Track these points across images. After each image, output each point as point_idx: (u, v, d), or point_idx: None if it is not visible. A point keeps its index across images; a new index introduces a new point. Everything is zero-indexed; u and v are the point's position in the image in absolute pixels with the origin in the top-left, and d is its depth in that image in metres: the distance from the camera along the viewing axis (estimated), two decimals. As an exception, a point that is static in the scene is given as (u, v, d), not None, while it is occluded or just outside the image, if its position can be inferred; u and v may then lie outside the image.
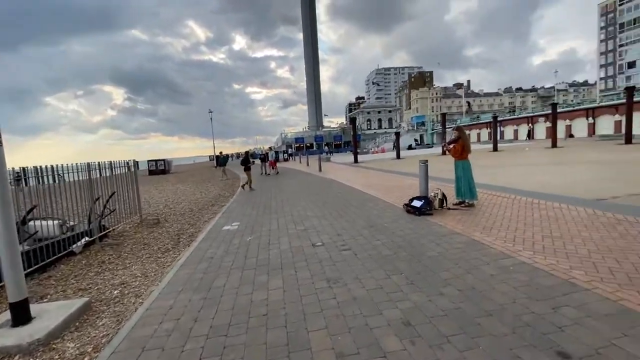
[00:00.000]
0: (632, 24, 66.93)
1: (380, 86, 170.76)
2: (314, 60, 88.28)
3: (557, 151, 20.00)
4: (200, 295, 3.36)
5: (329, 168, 20.47)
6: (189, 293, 3.46)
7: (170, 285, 3.74)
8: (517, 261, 3.47)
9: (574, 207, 5.56)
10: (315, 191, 10.43)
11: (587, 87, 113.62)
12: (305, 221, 6.26)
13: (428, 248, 4.13)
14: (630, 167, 10.28)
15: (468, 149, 6.30)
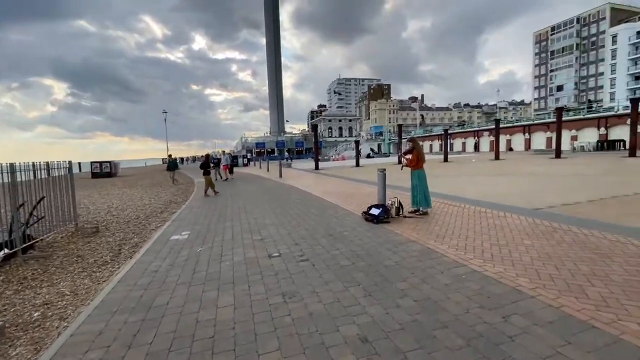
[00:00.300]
0: (561, 52, 76.26)
1: (341, 95, 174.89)
2: (277, 66, 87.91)
3: (499, 163, 21.81)
4: (138, 316, 2.98)
5: (290, 174, 20.24)
6: (124, 314, 3.05)
7: (104, 305, 3.28)
8: (469, 269, 3.57)
9: (517, 215, 5.97)
10: (274, 198, 10.15)
11: (524, 106, 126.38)
12: (263, 230, 5.99)
13: (385, 257, 4.12)
14: (561, 179, 11.46)
15: (422, 159, 6.53)
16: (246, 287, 3.47)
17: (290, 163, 32.86)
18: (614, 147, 30.45)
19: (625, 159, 18.80)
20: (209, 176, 12.08)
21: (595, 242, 4.24)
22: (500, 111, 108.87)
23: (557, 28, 77.65)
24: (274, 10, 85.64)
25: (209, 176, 12.09)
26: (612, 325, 2.36)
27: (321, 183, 13.89)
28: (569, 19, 75.26)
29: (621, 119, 32.39)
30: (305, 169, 25.28)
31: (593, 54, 71.07)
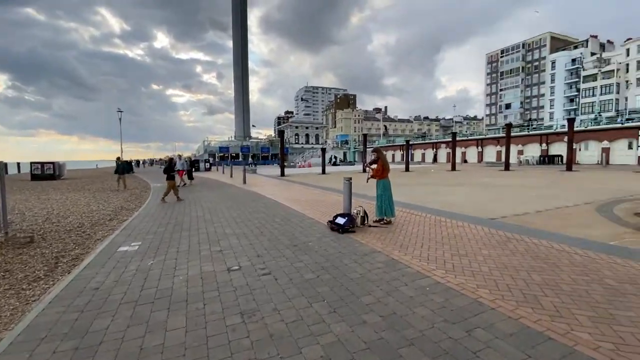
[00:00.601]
0: (509, 74, 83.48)
1: (308, 103, 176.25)
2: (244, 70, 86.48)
3: (456, 173, 23.07)
4: (70, 344, 2.57)
5: (255, 180, 19.74)
6: (54, 341, 2.62)
7: (30, 331, 2.81)
8: (432, 281, 3.59)
9: (474, 225, 6.23)
10: (236, 205, 9.74)
11: (477, 121, 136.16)
12: (222, 240, 5.64)
13: (350, 269, 4.03)
14: (511, 190, 12.31)
15: (387, 169, 6.61)
16: (201, 305, 3.17)
17: (255, 169, 32.15)
18: (554, 162, 33.67)
19: (564, 172, 20.81)
20: (172, 181, 11.36)
21: (545, 252, 4.49)
22: (456, 125, 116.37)
23: (506, 51, 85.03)
24: (242, 14, 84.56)
25: (173, 181, 11.38)
26: (566, 336, 2.44)
27: (287, 190, 13.66)
28: (516, 43, 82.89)
29: (559, 136, 35.98)
30: (270, 175, 24.83)
31: (536, 77, 78.65)
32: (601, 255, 4.32)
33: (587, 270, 3.80)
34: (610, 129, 31.80)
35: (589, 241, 5.00)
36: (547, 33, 77.34)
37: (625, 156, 30.00)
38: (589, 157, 32.90)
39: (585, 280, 3.50)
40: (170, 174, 11.39)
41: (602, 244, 4.88)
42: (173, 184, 11.31)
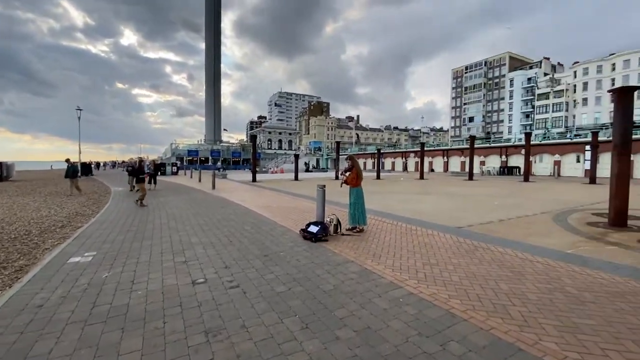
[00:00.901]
0: (472, 89, 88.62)
1: (282, 108, 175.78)
2: (216, 73, 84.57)
3: (424, 182, 23.86)
4: (0, 376, 2.22)
5: (224, 186, 19.12)
6: (-21, 373, 2.25)
7: (-52, 361, 2.40)
8: (405, 292, 3.56)
9: (442, 234, 6.37)
10: (204, 212, 9.31)
11: (442, 133, 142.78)
12: (188, 250, 5.30)
13: (323, 280, 3.91)
14: (476, 199, 12.88)
15: (361, 177, 6.62)
16: (160, 324, 2.90)
17: (225, 174, 31.26)
18: (512, 173, 35.93)
19: (522, 183, 22.21)
20: (143, 184, 10.86)
21: (510, 261, 4.66)
22: (424, 136, 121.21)
23: (469, 68, 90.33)
24: (215, 16, 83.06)
25: (143, 184, 10.89)
26: (535, 347, 2.48)
27: (258, 196, 13.33)
28: (479, 61, 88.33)
29: (517, 149, 38.53)
30: (241, 181, 24.22)
31: (496, 93, 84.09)
32: (560, 263, 4.54)
33: (549, 278, 3.96)
34: (561, 144, 34.59)
35: (548, 249, 5.27)
36: (506, 53, 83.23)
37: (574, 169, 32.71)
38: (543, 169, 35.47)
39: (548, 289, 3.63)
40: (139, 176, 10.89)
41: (560, 252, 5.15)
42: (143, 187, 10.88)
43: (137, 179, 10.89)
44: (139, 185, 10.88)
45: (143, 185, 10.92)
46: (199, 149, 63.14)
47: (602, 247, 5.47)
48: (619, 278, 3.97)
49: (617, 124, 7.04)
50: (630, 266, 4.45)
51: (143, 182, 10.95)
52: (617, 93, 7.02)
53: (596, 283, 3.83)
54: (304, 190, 16.31)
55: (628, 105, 6.91)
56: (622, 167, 6.94)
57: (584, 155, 31.56)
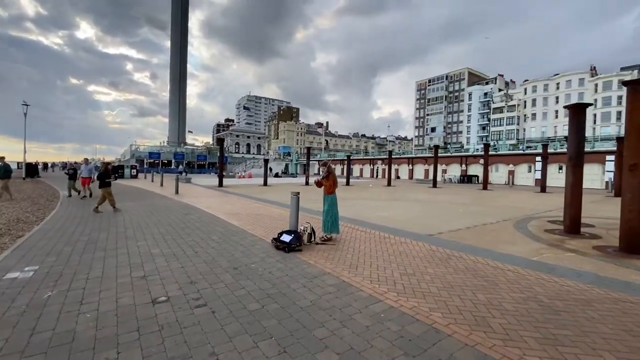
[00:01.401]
0: (435, 101, 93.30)
1: (250, 112, 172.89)
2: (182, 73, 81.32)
3: (392, 189, 24.41)
4: None
5: (189, 190, 18.13)
6: None
7: None
8: (386, 306, 3.41)
9: (416, 242, 6.38)
10: (166, 220, 8.64)
11: (407, 141, 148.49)
12: (148, 263, 4.79)
13: (300, 295, 3.66)
14: (442, 206, 13.31)
15: (336, 184, 6.47)
16: (113, 354, 2.48)
17: (190, 178, 29.81)
18: (472, 181, 38.01)
19: (481, 191, 23.48)
20: (108, 188, 10.19)
21: (483, 269, 4.72)
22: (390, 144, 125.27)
23: (432, 81, 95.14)
24: (182, 14, 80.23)
25: (108, 188, 10.21)
26: (522, 363, 2.43)
27: (226, 202, 12.73)
28: (441, 75, 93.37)
29: (476, 158, 40.91)
30: (207, 186, 23.18)
31: (456, 105, 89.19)
32: (529, 271, 4.68)
33: (522, 287, 4.04)
34: (514, 155, 37.25)
35: (516, 257, 5.44)
36: (465, 68, 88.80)
37: (525, 178, 35.32)
38: (498, 178, 37.92)
39: (522, 298, 3.68)
40: (105, 180, 10.21)
41: (527, 259, 5.34)
42: (108, 191, 10.18)
43: (102, 183, 10.19)
44: (103, 191, 10.18)
45: (108, 190, 10.23)
46: (162, 151, 60.01)
47: (562, 254, 5.77)
48: (583, 285, 4.14)
49: (571, 137, 7.57)
50: (590, 273, 4.69)
51: (108, 187, 10.27)
52: (572, 109, 7.57)
53: (564, 291, 3.95)
54: (274, 196, 15.90)
55: (581, 120, 7.47)
56: (576, 178, 7.46)
57: (534, 165, 34.23)
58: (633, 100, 5.78)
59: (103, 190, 10.16)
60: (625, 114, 5.90)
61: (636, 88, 5.76)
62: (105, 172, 10.38)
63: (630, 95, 5.82)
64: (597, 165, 29.43)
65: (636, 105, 5.74)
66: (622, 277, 4.56)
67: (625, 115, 5.89)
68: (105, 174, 10.34)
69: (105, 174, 10.35)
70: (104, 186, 10.18)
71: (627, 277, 4.57)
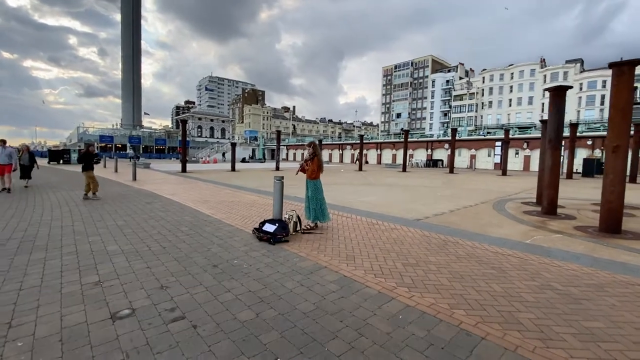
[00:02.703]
0: (400, 87, 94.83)
1: (213, 93, 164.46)
2: (135, 49, 74.39)
3: (364, 174, 24.35)
4: None
5: (149, 177, 16.55)
6: None
7: None
8: (400, 304, 2.97)
9: (406, 227, 6.06)
10: (124, 210, 7.56)
11: (372, 127, 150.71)
12: (103, 263, 3.92)
13: (299, 297, 3.09)
14: (417, 190, 13.30)
15: (321, 168, 5.88)
16: (56, 405, 1.76)
17: (148, 163, 27.54)
18: (437, 165, 39.36)
19: (448, 174, 24.20)
20: (91, 171, 9.22)
21: (485, 255, 4.46)
22: (356, 129, 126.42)
23: (398, 67, 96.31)
24: (132, -17, 72.92)
25: (91, 172, 9.22)
26: (580, 371, 2.09)
27: (192, 189, 11.65)
28: (407, 61, 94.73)
29: (440, 143, 42.32)
30: (168, 171, 21.46)
31: (420, 92, 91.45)
32: (528, 255, 4.51)
33: (530, 273, 3.81)
34: (476, 140, 39.00)
35: (510, 241, 5.29)
36: (429, 56, 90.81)
37: (486, 162, 37.23)
38: (461, 162, 39.61)
39: (537, 286, 3.43)
40: (88, 163, 9.25)
41: (521, 243, 5.21)
42: (91, 175, 9.20)
43: (85, 166, 9.16)
44: (86, 174, 9.13)
45: (90, 173, 9.18)
46: (115, 135, 55.14)
47: (550, 236, 5.74)
48: (586, 269, 4.02)
49: (551, 119, 7.61)
50: (586, 255, 4.63)
51: (90, 171, 9.21)
52: (553, 92, 7.57)
53: (571, 275, 3.78)
54: (245, 182, 14.97)
55: (561, 103, 7.50)
56: (555, 160, 7.54)
57: (494, 150, 36.11)
58: (617, 82, 5.76)
59: (85, 174, 9.14)
60: (610, 97, 5.89)
61: (621, 70, 5.75)
62: (86, 153, 9.44)
63: (615, 77, 5.80)
64: (549, 150, 31.67)
65: (620, 88, 5.74)
66: (616, 258, 4.54)
67: (610, 98, 5.89)
68: (86, 156, 9.37)
69: (87, 155, 9.39)
70: (87, 169, 9.18)
71: (619, 257, 4.57)
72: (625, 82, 5.67)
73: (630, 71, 5.67)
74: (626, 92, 5.68)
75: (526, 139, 33.72)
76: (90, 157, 9.37)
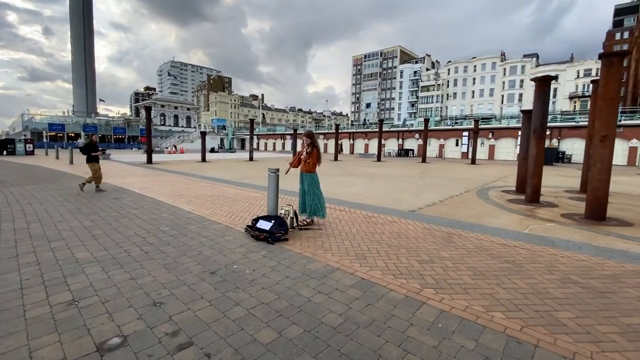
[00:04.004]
0: (370, 77, 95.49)
1: (176, 80, 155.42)
2: (86, 29, 67.75)
3: (340, 164, 24.15)
4: None
5: (111, 169, 15.11)
6: None
7: None
8: (434, 310, 2.70)
9: (405, 220, 5.86)
10: (89, 208, 6.68)
11: (342, 117, 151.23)
12: (74, 276, 3.27)
13: (321, 307, 2.72)
14: (398, 179, 13.29)
15: (320, 160, 5.44)
16: None
17: (109, 154, 25.36)
18: (407, 155, 40.24)
19: (422, 164, 24.72)
20: (96, 164, 8.81)
21: (494, 248, 4.35)
22: (326, 119, 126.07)
23: (368, 57, 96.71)
24: (79, -47, 65.95)
25: (96, 164, 8.81)
26: (655, 380, 1.93)
27: (163, 182, 10.71)
28: (376, 51, 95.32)
29: (411, 133, 43.24)
30: (132, 163, 19.85)
31: (389, 82, 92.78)
32: (535, 246, 4.46)
33: (545, 266, 3.73)
34: (445, 130, 40.26)
35: (510, 231, 5.27)
36: (398, 46, 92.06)
37: (453, 151, 38.65)
38: (431, 151, 40.77)
39: (559, 280, 3.33)
40: (91, 154, 8.72)
41: (521, 233, 5.19)
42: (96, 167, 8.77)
43: (89, 157, 8.71)
44: (90, 167, 8.73)
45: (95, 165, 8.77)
46: (66, 122, 50.34)
47: (544, 225, 5.82)
48: (595, 259, 4.03)
49: (536, 109, 7.74)
50: (586, 243, 4.68)
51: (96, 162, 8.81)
52: (539, 82, 7.67)
53: (584, 266, 3.75)
54: (220, 173, 14.14)
55: (546, 93, 7.63)
56: (539, 149, 7.71)
57: (461, 140, 37.52)
58: (607, 73, 5.88)
59: (89, 165, 8.70)
60: (599, 87, 6.01)
61: (611, 61, 5.85)
62: (90, 144, 8.84)
63: (605, 68, 5.91)
64: (511, 139, 33.45)
65: (610, 78, 5.86)
66: (614, 245, 4.64)
67: (599, 88, 6.01)
68: (89, 147, 8.76)
69: (90, 146, 8.79)
70: (91, 161, 8.71)
71: (617, 245, 4.67)
72: (615, 72, 5.79)
73: (619, 62, 5.80)
74: (615, 83, 5.81)
75: (492, 129, 35.35)
76: (94, 149, 8.79)
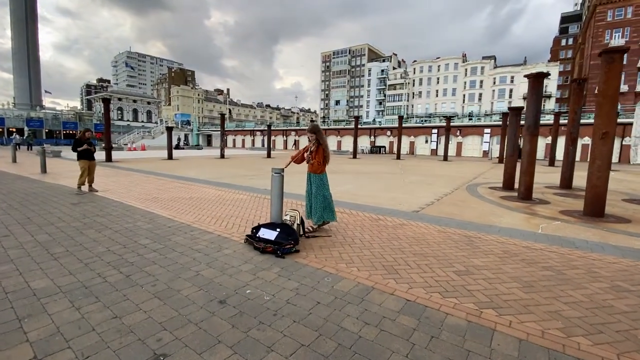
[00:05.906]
0: (339, 74, 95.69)
1: (134, 70, 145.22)
2: (29, 13, 60.67)
3: (316, 161, 23.61)
4: None
5: (63, 168, 13.33)
6: None
7: None
8: (511, 340, 2.25)
9: (414, 222, 5.47)
10: (43, 217, 5.54)
11: (311, 113, 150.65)
12: (33, 317, 2.41)
13: (376, 344, 2.16)
14: (383, 177, 13.01)
15: (328, 159, 4.81)
16: None
17: (59, 151, 22.69)
18: (380, 152, 40.69)
19: (398, 160, 24.89)
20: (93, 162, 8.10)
21: (523, 252, 4.05)
22: (294, 115, 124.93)
23: (336, 53, 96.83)
24: None
25: (93, 162, 8.09)
26: None
27: (131, 183, 9.49)
28: (344, 48, 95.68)
29: (382, 131, 43.79)
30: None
31: (358, 80, 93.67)
32: (560, 248, 4.24)
33: (586, 272, 3.46)
34: (415, 127, 41.21)
35: (525, 232, 5.05)
36: (366, 44, 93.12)
37: (423, 148, 39.71)
38: (402, 149, 41.60)
39: (610, 289, 3.05)
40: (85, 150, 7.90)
41: (536, 234, 4.99)
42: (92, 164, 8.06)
43: (79, 154, 7.91)
44: (89, 164, 7.98)
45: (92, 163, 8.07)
46: (6, 116, 44.81)
47: (551, 224, 5.71)
48: (625, 261, 3.86)
49: (530, 106, 7.72)
50: (605, 243, 4.55)
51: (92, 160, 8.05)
52: (532, 78, 7.65)
53: (622, 270, 3.55)
54: (193, 172, 12.99)
55: (540, 90, 7.63)
56: (532, 146, 7.71)
57: (430, 137, 38.61)
58: (608, 70, 5.87)
59: (81, 163, 7.91)
60: (599, 84, 6.00)
61: (612, 58, 5.85)
62: (82, 139, 8.05)
63: (605, 65, 5.90)
64: (477, 137, 34.97)
65: (610, 76, 5.86)
66: (624, 243, 4.57)
67: (599, 85, 6.00)
68: (77, 143, 8.00)
69: (79, 142, 8.00)
70: (83, 158, 7.89)
71: (625, 242, 4.61)
72: (615, 70, 5.79)
73: (620, 59, 5.80)
74: (615, 80, 5.82)
75: (459, 126, 36.71)
76: (82, 144, 7.96)
